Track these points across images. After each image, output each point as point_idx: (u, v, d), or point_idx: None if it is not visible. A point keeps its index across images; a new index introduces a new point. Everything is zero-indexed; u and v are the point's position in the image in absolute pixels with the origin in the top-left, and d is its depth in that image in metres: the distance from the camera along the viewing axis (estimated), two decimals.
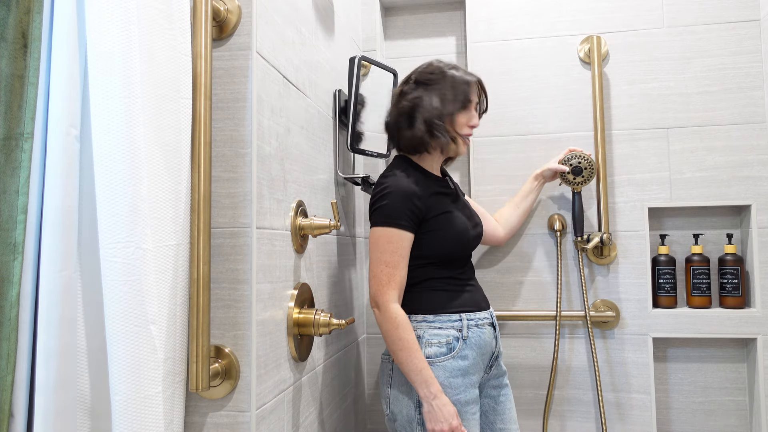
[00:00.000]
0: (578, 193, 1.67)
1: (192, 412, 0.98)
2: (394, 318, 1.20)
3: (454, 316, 1.27)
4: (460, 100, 1.30)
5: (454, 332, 1.26)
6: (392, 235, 1.23)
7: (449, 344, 1.25)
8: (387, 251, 1.23)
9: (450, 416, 1.17)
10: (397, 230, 1.23)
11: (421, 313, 1.27)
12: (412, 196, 1.24)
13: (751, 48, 1.68)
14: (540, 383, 1.75)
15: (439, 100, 1.29)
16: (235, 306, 0.99)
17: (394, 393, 1.27)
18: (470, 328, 1.28)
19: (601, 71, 1.72)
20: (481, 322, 1.31)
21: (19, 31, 0.82)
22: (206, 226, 0.89)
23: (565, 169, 1.63)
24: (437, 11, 1.94)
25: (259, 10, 1.03)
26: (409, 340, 1.20)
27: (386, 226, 1.23)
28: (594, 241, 1.63)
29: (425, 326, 1.26)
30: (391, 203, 1.24)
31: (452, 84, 1.30)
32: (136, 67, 0.81)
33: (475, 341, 1.28)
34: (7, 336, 0.79)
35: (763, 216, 1.65)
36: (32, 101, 0.82)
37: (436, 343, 1.24)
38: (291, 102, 1.20)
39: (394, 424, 1.27)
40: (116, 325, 0.79)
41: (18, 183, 0.81)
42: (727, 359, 1.71)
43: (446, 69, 1.32)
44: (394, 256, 1.23)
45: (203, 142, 0.90)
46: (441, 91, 1.30)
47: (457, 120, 1.31)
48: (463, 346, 1.26)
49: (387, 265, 1.22)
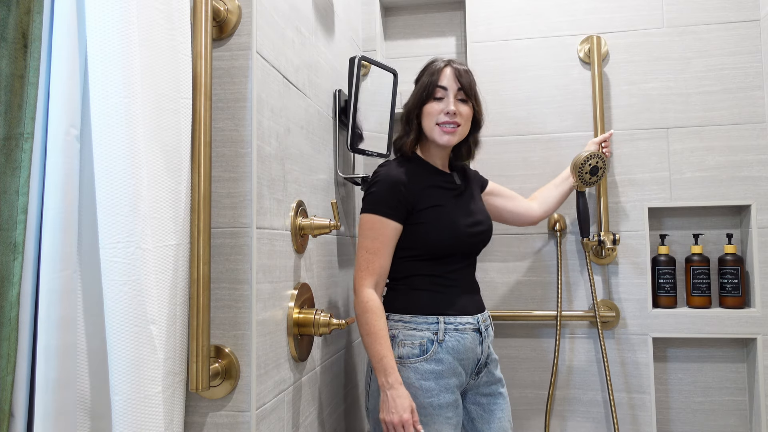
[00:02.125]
0: (583, 193, 1.67)
1: (192, 412, 0.98)
2: (365, 302, 1.21)
3: (431, 318, 1.25)
4: (427, 89, 1.31)
5: (429, 334, 1.24)
6: (375, 222, 1.24)
7: (422, 346, 1.23)
8: (369, 237, 1.24)
9: (402, 409, 1.15)
10: (379, 217, 1.24)
11: (398, 312, 1.27)
12: (399, 185, 1.25)
13: (751, 48, 1.68)
14: (540, 383, 1.75)
15: (413, 94, 1.34)
16: (235, 306, 0.99)
17: (372, 389, 1.28)
18: (448, 332, 1.25)
19: (601, 71, 1.72)
20: (462, 327, 1.27)
21: (19, 31, 0.82)
22: (206, 226, 0.89)
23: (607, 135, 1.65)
24: (437, 11, 1.94)
25: (259, 10, 1.03)
26: (375, 326, 1.20)
27: (370, 212, 1.25)
28: (608, 242, 1.63)
29: (401, 326, 1.26)
30: (378, 191, 1.25)
31: (425, 75, 1.33)
32: (136, 67, 0.81)
33: (452, 345, 1.24)
34: (7, 336, 0.79)
35: (763, 216, 1.65)
36: (32, 101, 0.82)
37: (409, 344, 1.24)
38: (291, 102, 1.20)
39: (373, 422, 1.29)
40: (116, 325, 0.79)
41: (18, 183, 0.81)
42: (727, 359, 1.71)
43: (430, 62, 1.35)
44: (375, 242, 1.24)
45: (203, 142, 0.90)
46: (418, 85, 1.35)
47: (429, 110, 1.30)
48: (438, 350, 1.23)
49: (367, 251, 1.24)
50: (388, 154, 1.66)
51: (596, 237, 1.65)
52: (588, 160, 1.58)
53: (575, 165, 1.60)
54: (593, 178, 1.60)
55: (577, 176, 1.62)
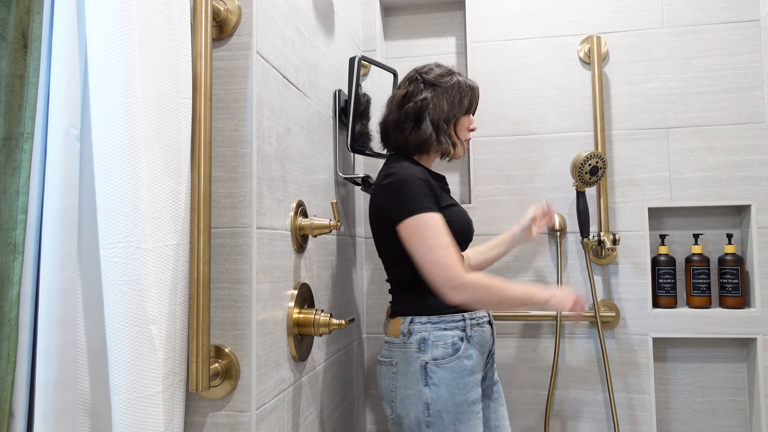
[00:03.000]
0: (583, 193, 1.67)
1: (192, 412, 0.98)
2: (478, 286, 1.18)
3: (457, 316, 1.27)
4: (465, 104, 1.35)
5: (458, 332, 1.26)
6: (428, 220, 1.20)
7: (454, 345, 1.24)
8: (432, 236, 1.19)
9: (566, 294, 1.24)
10: (428, 214, 1.20)
11: (424, 314, 1.26)
12: (427, 181, 1.24)
13: (751, 48, 1.68)
14: (540, 383, 1.75)
15: (448, 103, 1.32)
16: (235, 306, 0.99)
17: (401, 395, 1.25)
18: (473, 327, 1.28)
19: (601, 71, 1.72)
20: (482, 320, 1.32)
21: (19, 31, 0.82)
22: (206, 226, 0.89)
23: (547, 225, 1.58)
24: (437, 11, 1.94)
25: (259, 10, 1.03)
26: (500, 289, 1.20)
27: (417, 213, 1.20)
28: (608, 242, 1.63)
29: (430, 327, 1.25)
30: (412, 191, 1.22)
31: (460, 88, 1.34)
32: (136, 67, 0.81)
33: (477, 340, 1.28)
34: (7, 336, 0.79)
35: (763, 216, 1.65)
36: (32, 101, 0.82)
37: (442, 344, 1.24)
38: (291, 102, 1.20)
39: (400, 428, 1.25)
40: (116, 325, 0.79)
41: (18, 183, 0.81)
42: (727, 359, 1.71)
43: (455, 74, 1.36)
44: (442, 238, 1.19)
45: (203, 142, 0.90)
46: (450, 94, 1.33)
47: (462, 124, 1.36)
48: (468, 346, 1.26)
49: (441, 248, 1.18)
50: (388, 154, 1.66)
51: (596, 237, 1.65)
52: (588, 160, 1.58)
53: (575, 165, 1.60)
54: (593, 178, 1.60)
55: (577, 176, 1.62)
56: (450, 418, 1.20)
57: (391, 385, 1.27)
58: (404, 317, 1.28)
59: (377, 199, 1.29)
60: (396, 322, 1.30)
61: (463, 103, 1.34)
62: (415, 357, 1.24)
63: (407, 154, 1.35)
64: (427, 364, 1.22)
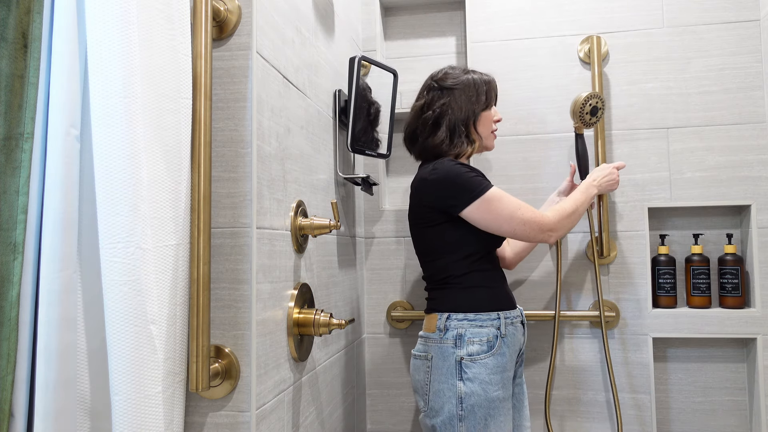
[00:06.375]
0: (581, 136, 1.65)
1: (192, 412, 0.98)
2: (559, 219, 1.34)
3: (493, 315, 1.31)
4: (483, 100, 1.39)
5: (493, 330, 1.29)
6: (494, 195, 1.28)
7: (489, 342, 1.28)
8: (505, 206, 1.28)
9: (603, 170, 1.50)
10: (491, 190, 1.28)
11: (462, 311, 1.30)
12: (470, 167, 1.32)
13: (751, 48, 1.68)
14: (540, 383, 1.75)
15: (465, 103, 1.38)
16: (235, 306, 0.99)
17: (435, 389, 1.29)
18: (507, 326, 1.32)
19: (601, 71, 1.72)
20: (516, 320, 1.36)
21: (19, 31, 0.82)
22: (206, 226, 0.89)
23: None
24: (437, 11, 1.94)
25: (259, 10, 1.03)
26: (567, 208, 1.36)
27: (482, 193, 1.27)
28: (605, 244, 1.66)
29: (466, 324, 1.29)
30: (466, 177, 1.29)
31: (475, 86, 1.39)
32: (136, 67, 0.81)
33: (510, 339, 1.32)
34: (7, 336, 0.79)
35: (763, 216, 1.65)
36: (32, 101, 0.82)
37: (477, 341, 1.27)
38: (291, 102, 1.20)
39: (434, 420, 1.28)
40: (116, 325, 0.79)
41: (18, 183, 0.81)
42: (727, 359, 1.71)
43: (469, 72, 1.40)
44: (512, 202, 1.29)
45: (203, 142, 0.90)
46: (467, 93, 1.38)
47: (483, 119, 1.40)
48: (502, 344, 1.29)
49: (518, 210, 1.29)
50: (388, 154, 1.66)
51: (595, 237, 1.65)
52: (588, 100, 1.58)
53: (576, 104, 1.60)
54: (593, 118, 1.60)
55: (578, 117, 1.61)
56: (482, 413, 1.24)
57: (425, 378, 1.31)
58: (441, 313, 1.32)
59: (428, 192, 1.32)
60: (432, 317, 1.34)
61: (481, 100, 1.39)
62: (451, 352, 1.27)
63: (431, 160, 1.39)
64: (462, 359, 1.26)
